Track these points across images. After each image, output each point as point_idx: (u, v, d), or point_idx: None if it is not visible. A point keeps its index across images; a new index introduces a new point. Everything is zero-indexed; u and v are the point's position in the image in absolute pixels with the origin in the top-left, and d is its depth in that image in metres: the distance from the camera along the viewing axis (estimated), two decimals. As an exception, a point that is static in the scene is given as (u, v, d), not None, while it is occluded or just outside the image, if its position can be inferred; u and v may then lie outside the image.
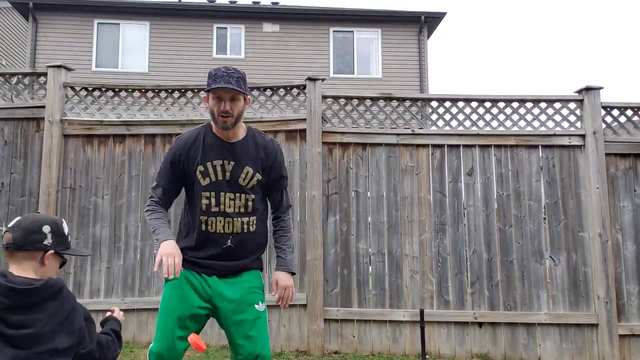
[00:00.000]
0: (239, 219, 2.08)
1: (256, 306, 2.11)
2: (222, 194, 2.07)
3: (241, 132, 2.14)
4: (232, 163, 2.08)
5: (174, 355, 2.05)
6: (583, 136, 4.44)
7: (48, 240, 1.59)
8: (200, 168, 2.08)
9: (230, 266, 2.10)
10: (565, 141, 4.46)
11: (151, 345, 2.09)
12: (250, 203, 2.10)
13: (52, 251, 1.60)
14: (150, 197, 2.20)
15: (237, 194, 2.08)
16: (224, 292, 2.08)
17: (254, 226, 2.13)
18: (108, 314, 1.90)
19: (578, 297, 4.27)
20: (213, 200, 2.07)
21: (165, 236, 2.03)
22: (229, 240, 2.08)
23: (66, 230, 1.68)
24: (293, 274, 2.21)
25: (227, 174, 2.08)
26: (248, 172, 2.09)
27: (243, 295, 2.09)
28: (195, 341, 1.88)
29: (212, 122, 2.13)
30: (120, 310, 1.96)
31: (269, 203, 2.27)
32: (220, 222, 2.07)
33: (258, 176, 2.11)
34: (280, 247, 2.23)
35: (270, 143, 2.18)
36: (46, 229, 1.60)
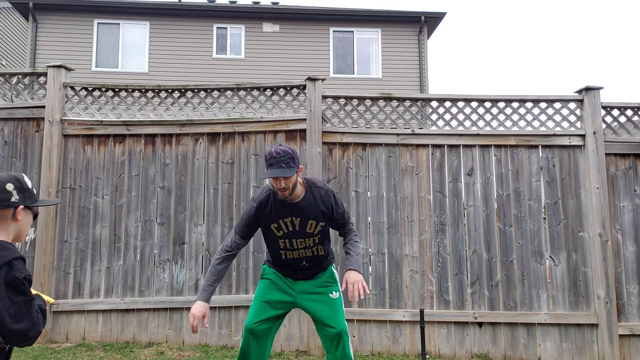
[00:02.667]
0: (310, 249, 2.67)
1: (330, 295, 2.69)
2: (294, 240, 2.63)
3: (300, 190, 2.59)
4: (299, 219, 2.60)
5: (258, 331, 2.61)
6: (583, 136, 4.44)
7: (15, 197, 1.60)
8: (274, 225, 2.62)
9: (307, 274, 2.72)
10: (565, 141, 4.46)
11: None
12: (317, 240, 2.66)
13: (22, 206, 1.61)
14: (224, 244, 2.69)
15: (306, 238, 2.64)
16: (302, 287, 2.71)
17: (322, 250, 2.72)
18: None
19: (578, 297, 4.27)
20: (287, 243, 2.65)
21: (199, 297, 2.55)
22: (304, 262, 2.69)
23: (29, 184, 1.68)
24: (360, 272, 2.61)
25: (296, 226, 2.61)
26: (312, 223, 2.61)
27: (318, 288, 2.71)
28: None
29: None
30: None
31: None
32: (295, 254, 2.67)
33: (321, 224, 2.64)
34: (349, 253, 2.71)
35: (326, 195, 2.64)
36: (9, 186, 1.60)
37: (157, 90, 4.76)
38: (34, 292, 1.70)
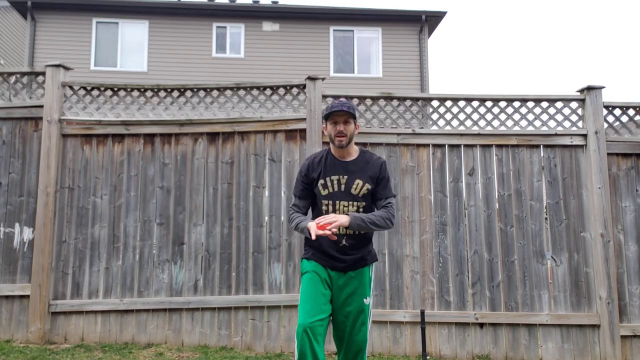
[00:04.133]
0: None
1: (364, 300, 2.61)
2: (337, 202, 2.60)
3: (354, 152, 2.67)
4: (346, 177, 2.61)
5: (317, 330, 2.43)
6: (585, 136, 4.41)
7: None
8: (322, 182, 2.63)
9: (347, 261, 2.59)
10: (567, 141, 4.44)
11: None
12: (361, 210, 2.60)
13: None
14: (290, 206, 2.74)
15: (350, 202, 2.59)
16: (341, 282, 2.60)
17: (362, 232, 2.61)
18: None
19: (580, 298, 4.25)
20: (331, 207, 2.61)
21: (308, 221, 2.56)
22: (344, 240, 2.59)
23: None
24: (351, 221, 2.50)
25: (342, 186, 2.60)
26: (358, 183, 2.60)
27: (355, 289, 2.60)
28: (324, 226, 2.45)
29: (331, 145, 2.68)
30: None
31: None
32: (338, 229, 2.53)
33: (367, 186, 2.60)
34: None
35: (377, 161, 2.67)
36: None
37: (156, 90, 4.73)
38: None
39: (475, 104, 4.56)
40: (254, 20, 13.05)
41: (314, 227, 2.42)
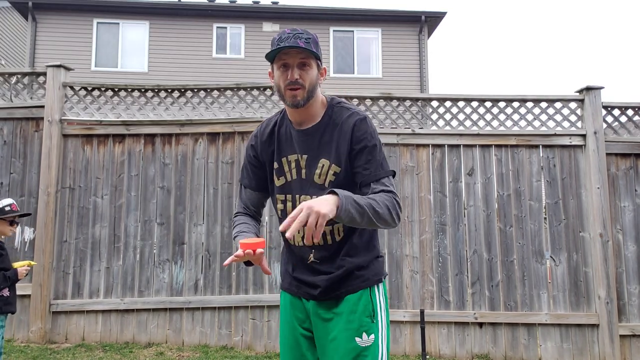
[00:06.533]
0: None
1: (357, 340, 1.52)
2: (297, 197, 1.62)
3: (319, 110, 1.61)
4: (306, 156, 1.60)
5: None
6: (584, 136, 4.43)
7: None
8: (276, 166, 1.65)
9: (318, 283, 1.59)
10: (566, 141, 4.45)
11: None
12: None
13: None
14: (237, 204, 1.80)
15: (314, 197, 1.50)
16: (316, 311, 1.61)
17: (341, 233, 1.59)
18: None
19: (579, 298, 4.26)
20: (289, 207, 1.62)
21: (250, 232, 1.63)
22: (311, 254, 1.61)
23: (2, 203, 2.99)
24: (343, 207, 1.34)
25: (303, 170, 1.61)
26: (323, 165, 1.58)
27: (341, 327, 1.54)
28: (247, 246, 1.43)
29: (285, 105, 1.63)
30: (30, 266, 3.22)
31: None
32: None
33: (335, 168, 1.56)
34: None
35: (350, 118, 1.57)
36: None
37: (156, 90, 4.74)
38: (14, 265, 3.08)
39: (474, 104, 4.58)
40: (254, 20, 13.07)
41: (241, 247, 1.42)
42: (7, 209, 3.08)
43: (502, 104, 4.57)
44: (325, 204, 1.29)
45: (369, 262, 1.61)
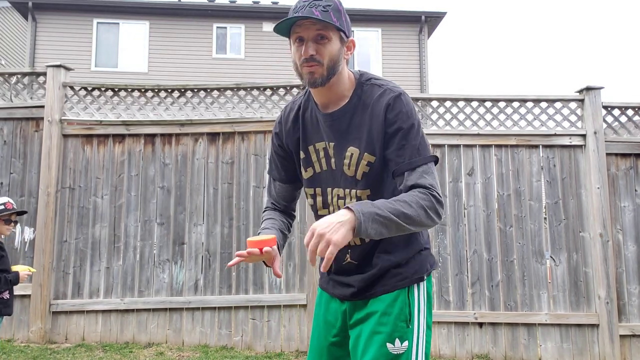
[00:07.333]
0: None
1: (389, 345, 1.36)
2: (328, 190, 1.46)
3: (347, 89, 1.42)
4: (333, 143, 1.42)
5: None
6: (584, 136, 4.43)
7: None
8: (303, 155, 1.48)
9: (353, 283, 1.47)
10: (566, 141, 4.45)
11: None
12: (365, 196, 1.42)
13: None
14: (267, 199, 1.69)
15: (348, 189, 1.40)
16: (355, 316, 1.47)
17: None
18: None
19: (579, 297, 4.26)
20: (319, 201, 1.48)
21: (273, 228, 1.55)
22: (348, 255, 1.47)
23: None
24: (363, 225, 1.19)
25: (332, 160, 1.43)
26: (352, 153, 1.39)
27: (376, 324, 1.40)
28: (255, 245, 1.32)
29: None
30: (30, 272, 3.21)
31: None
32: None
33: (369, 157, 1.37)
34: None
35: (382, 97, 1.38)
36: None
37: (156, 90, 4.74)
38: (14, 268, 3.10)
39: (474, 104, 4.58)
40: (254, 20, 13.06)
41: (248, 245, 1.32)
42: (1, 207, 3.05)
43: (502, 104, 4.57)
44: (338, 229, 1.15)
45: (409, 259, 1.45)
